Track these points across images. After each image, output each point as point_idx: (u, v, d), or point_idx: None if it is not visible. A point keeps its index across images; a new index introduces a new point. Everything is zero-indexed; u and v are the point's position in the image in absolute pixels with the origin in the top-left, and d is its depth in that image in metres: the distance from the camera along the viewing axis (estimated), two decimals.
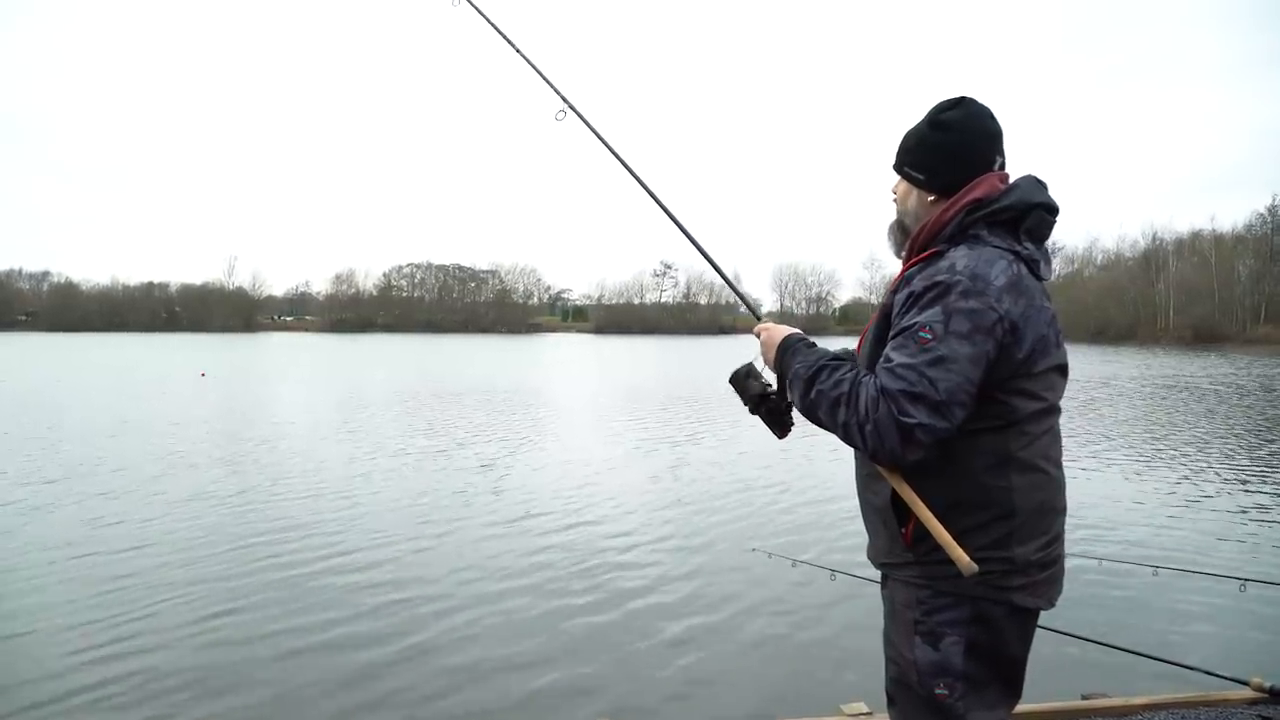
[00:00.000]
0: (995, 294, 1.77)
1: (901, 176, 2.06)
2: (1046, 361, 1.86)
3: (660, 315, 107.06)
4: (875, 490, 1.96)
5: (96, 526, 7.36)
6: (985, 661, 1.84)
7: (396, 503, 8.43)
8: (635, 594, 5.72)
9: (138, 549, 6.62)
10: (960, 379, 1.73)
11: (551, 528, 7.49)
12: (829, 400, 1.85)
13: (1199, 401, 19.91)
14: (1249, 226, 71.89)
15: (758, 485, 9.39)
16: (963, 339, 1.73)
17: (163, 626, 5.01)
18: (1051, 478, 1.90)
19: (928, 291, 1.79)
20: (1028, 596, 1.85)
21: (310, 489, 9.01)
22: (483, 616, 5.27)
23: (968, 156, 1.95)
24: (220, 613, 5.26)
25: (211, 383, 24.58)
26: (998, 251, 1.83)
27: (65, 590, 5.67)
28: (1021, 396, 1.83)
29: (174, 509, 7.99)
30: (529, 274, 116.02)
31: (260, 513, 7.92)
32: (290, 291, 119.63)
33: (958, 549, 1.74)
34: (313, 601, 5.48)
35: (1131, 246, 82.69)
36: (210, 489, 8.94)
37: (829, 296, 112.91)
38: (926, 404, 1.72)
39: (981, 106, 1.99)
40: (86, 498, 8.49)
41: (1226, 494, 9.06)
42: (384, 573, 6.13)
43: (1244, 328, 65.59)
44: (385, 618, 5.22)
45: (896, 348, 1.79)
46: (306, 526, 7.39)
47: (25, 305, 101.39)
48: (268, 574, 6.04)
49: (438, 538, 7.09)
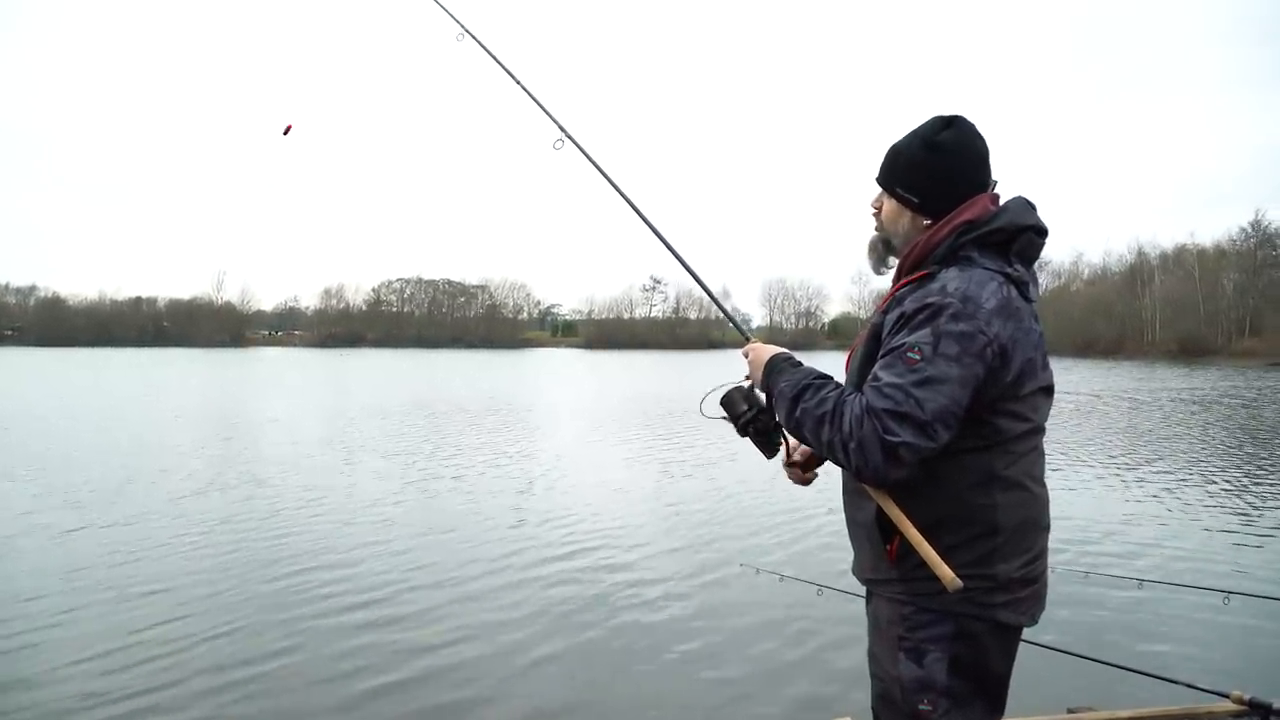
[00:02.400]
0: (985, 317, 1.78)
1: (891, 196, 2.04)
2: (1033, 383, 1.88)
3: (650, 330, 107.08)
4: (860, 507, 1.98)
5: (116, 555, 7.31)
6: (969, 677, 1.86)
7: (410, 528, 8.40)
8: (622, 610, 5.72)
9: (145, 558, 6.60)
10: (947, 400, 1.74)
11: (536, 544, 7.48)
12: (813, 418, 1.86)
13: (1185, 414, 20.05)
14: (1232, 240, 72.64)
15: (745, 501, 9.41)
16: (951, 361, 1.75)
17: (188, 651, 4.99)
18: (1035, 495, 1.92)
19: (919, 313, 1.80)
20: (1010, 613, 1.87)
21: (308, 507, 8.98)
22: (459, 634, 5.25)
23: (962, 179, 1.96)
24: (240, 650, 5.23)
25: (220, 401, 24.44)
26: (989, 274, 1.85)
27: (87, 623, 5.61)
28: (1007, 418, 1.85)
29: (200, 530, 7.96)
30: (519, 289, 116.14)
31: (276, 538, 7.88)
32: (279, 306, 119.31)
33: (943, 565, 1.76)
34: (302, 611, 5.47)
35: (1118, 260, 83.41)
36: (243, 516, 8.90)
37: (818, 311, 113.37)
38: (912, 423, 1.73)
39: (972, 126, 1.99)
40: (108, 524, 8.44)
41: (1212, 507, 9.13)
42: (379, 591, 6.12)
43: (1229, 340, 66.05)
44: (377, 631, 5.22)
45: (885, 367, 1.80)
46: (298, 537, 7.36)
47: (12, 319, 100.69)
48: (280, 595, 6.02)
49: (422, 551, 7.08)
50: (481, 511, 8.82)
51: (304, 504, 9.03)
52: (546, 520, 8.39)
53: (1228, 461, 12.60)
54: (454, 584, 6.27)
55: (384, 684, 4.52)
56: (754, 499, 9.46)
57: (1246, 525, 8.25)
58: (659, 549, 7.34)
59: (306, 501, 9.15)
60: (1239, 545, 7.49)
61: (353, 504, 9.08)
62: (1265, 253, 70.30)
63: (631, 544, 7.49)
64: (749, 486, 10.16)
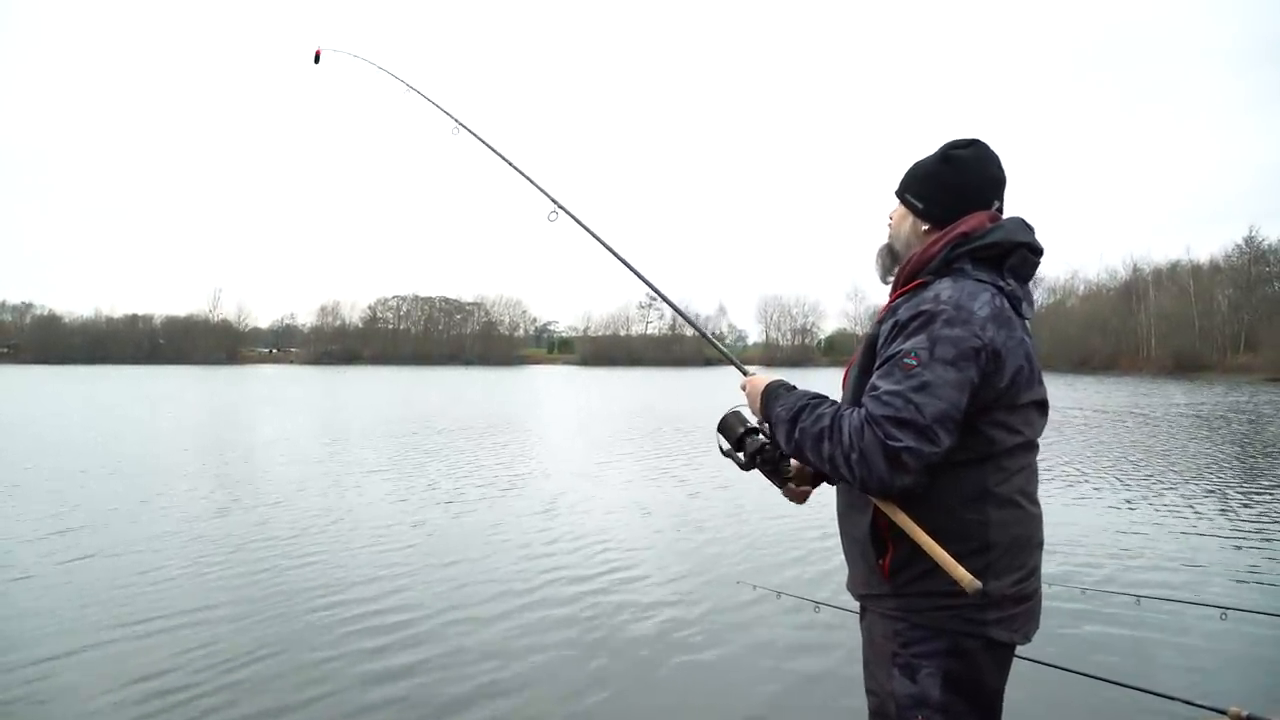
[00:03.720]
0: (979, 323, 1.81)
1: (901, 202, 2.10)
2: (1028, 395, 1.90)
3: (646, 347, 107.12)
4: (854, 522, 2.00)
5: (128, 573, 7.28)
6: (962, 693, 1.87)
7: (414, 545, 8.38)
8: (619, 627, 5.70)
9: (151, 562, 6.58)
10: (945, 404, 1.76)
11: (530, 560, 7.46)
12: (812, 436, 1.88)
13: (1181, 430, 20.07)
14: (1227, 256, 73.07)
15: (742, 518, 9.39)
16: (948, 365, 1.77)
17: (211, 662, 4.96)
18: (1029, 513, 1.93)
19: (913, 320, 1.83)
20: (1003, 630, 1.88)
21: (296, 518, 8.96)
22: (454, 651, 5.22)
23: (967, 193, 2.00)
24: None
25: (224, 420, 24.39)
26: (981, 285, 1.88)
27: (104, 652, 5.57)
28: (1001, 429, 1.87)
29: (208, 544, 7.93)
30: (514, 305, 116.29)
31: (298, 562, 7.85)
32: (275, 323, 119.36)
33: (959, 568, 1.76)
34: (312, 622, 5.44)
35: (1112, 276, 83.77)
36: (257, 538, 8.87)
37: (814, 328, 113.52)
38: (913, 428, 1.75)
39: (991, 151, 2.04)
40: (120, 550, 8.40)
41: (1209, 522, 9.13)
42: (382, 601, 6.09)
43: (1224, 356, 66.32)
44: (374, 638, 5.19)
45: (883, 375, 1.83)
46: (316, 563, 7.34)
47: (8, 337, 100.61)
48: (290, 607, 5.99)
49: (417, 564, 7.06)
50: (480, 532, 8.79)
51: (320, 528, 8.98)
52: (547, 540, 8.36)
53: (1226, 477, 12.60)
54: (460, 606, 6.24)
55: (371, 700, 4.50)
56: (749, 516, 9.44)
57: (1245, 541, 8.25)
58: (655, 566, 7.31)
59: (324, 526, 9.10)
60: (1238, 560, 7.48)
61: (361, 526, 9.04)
62: (1260, 268, 70.77)
63: (627, 562, 7.46)
64: (744, 503, 10.14)
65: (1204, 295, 70.50)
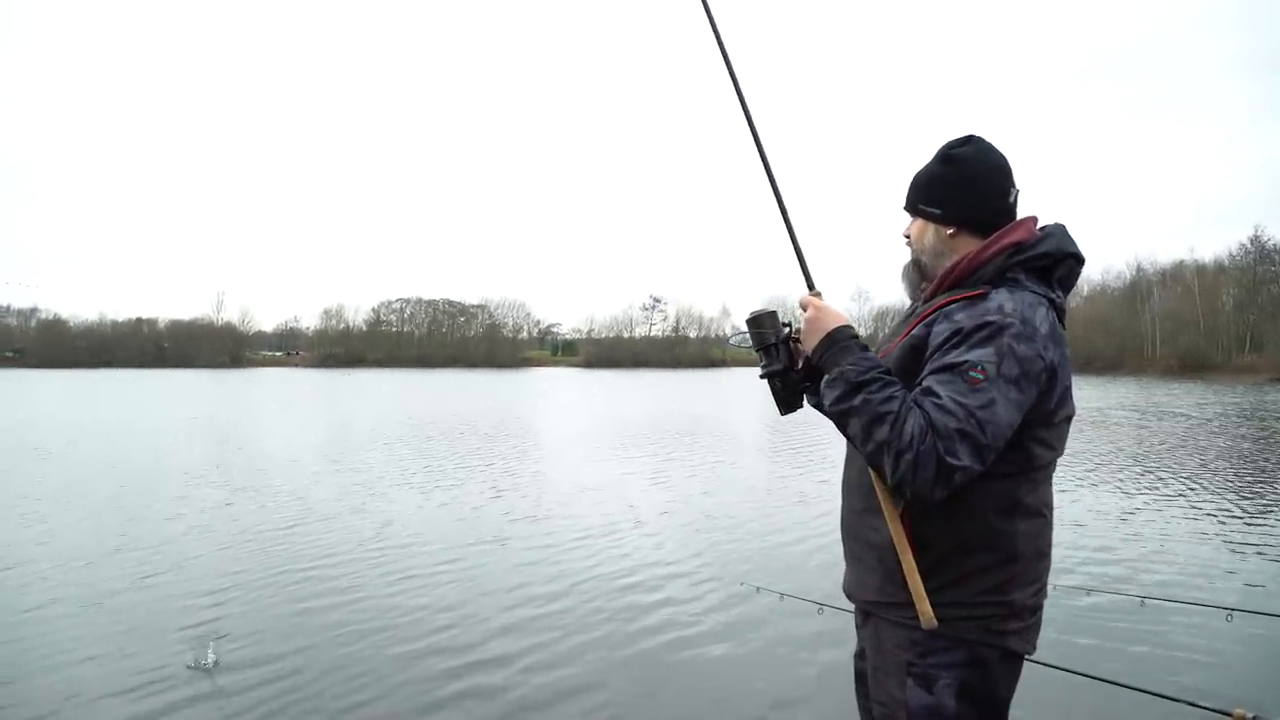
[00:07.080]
0: (1043, 341, 1.78)
1: (915, 215, 2.04)
2: (1064, 411, 1.88)
3: (649, 349, 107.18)
4: (874, 527, 1.92)
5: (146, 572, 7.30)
6: (976, 704, 1.85)
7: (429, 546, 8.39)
8: (620, 626, 5.69)
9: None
10: (1005, 426, 1.72)
11: (535, 563, 7.46)
12: (873, 413, 1.76)
13: (1186, 430, 20.00)
14: (1231, 256, 72.88)
15: (746, 519, 9.37)
16: (1011, 383, 1.73)
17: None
18: (1049, 522, 1.92)
19: (978, 330, 1.77)
20: (1020, 641, 1.87)
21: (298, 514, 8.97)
22: (455, 649, 5.23)
23: (981, 187, 1.96)
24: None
25: (239, 424, 24.42)
26: (1037, 297, 1.85)
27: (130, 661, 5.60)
28: (1040, 445, 1.85)
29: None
30: (518, 308, 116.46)
31: (325, 560, 7.86)
32: (279, 326, 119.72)
33: (925, 601, 1.77)
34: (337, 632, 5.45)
35: (1117, 277, 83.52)
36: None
37: None
38: (972, 446, 1.68)
39: (988, 143, 2.00)
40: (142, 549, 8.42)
41: (1214, 523, 9.09)
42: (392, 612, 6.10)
43: (1229, 356, 66.09)
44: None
45: (944, 383, 1.74)
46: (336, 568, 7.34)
47: (13, 341, 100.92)
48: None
49: (429, 566, 7.06)
50: (480, 533, 8.79)
51: (327, 531, 9.00)
52: (548, 540, 8.35)
53: (1232, 478, 12.56)
54: (461, 605, 6.23)
55: None
56: (754, 517, 9.43)
57: (1250, 542, 8.22)
58: (659, 567, 7.30)
59: (327, 529, 9.12)
60: (1242, 562, 7.45)
61: (361, 526, 9.06)
62: (1264, 268, 70.56)
63: (629, 563, 7.45)
64: (750, 504, 10.13)
65: (1209, 295, 70.27)
